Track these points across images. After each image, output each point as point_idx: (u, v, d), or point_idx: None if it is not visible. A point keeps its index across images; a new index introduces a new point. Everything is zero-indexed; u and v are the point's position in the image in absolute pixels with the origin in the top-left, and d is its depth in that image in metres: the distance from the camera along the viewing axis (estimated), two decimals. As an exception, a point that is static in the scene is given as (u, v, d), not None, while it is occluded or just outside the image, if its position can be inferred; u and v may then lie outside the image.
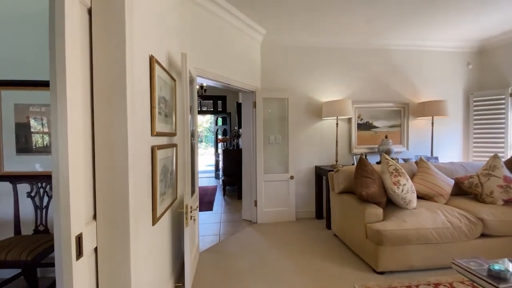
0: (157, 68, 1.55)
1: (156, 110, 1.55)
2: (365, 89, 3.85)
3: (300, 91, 3.71)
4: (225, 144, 6.12)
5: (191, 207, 1.90)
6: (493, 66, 3.87)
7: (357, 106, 3.79)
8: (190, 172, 1.94)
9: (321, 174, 3.58)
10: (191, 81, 2.21)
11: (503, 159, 2.82)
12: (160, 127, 1.63)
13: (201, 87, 5.61)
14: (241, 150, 4.11)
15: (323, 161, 3.77)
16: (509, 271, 1.32)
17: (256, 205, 3.51)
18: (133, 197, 1.13)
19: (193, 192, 2.19)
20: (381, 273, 2.18)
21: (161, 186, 1.64)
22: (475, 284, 1.57)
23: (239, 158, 4.63)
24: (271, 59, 3.65)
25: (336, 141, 3.57)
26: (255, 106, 3.46)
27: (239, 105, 5.78)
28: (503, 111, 3.65)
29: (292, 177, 3.57)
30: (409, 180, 2.44)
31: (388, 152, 3.41)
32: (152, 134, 1.51)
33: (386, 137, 3.60)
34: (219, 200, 4.92)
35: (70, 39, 0.84)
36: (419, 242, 2.15)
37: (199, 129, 17.83)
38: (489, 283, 1.31)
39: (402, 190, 2.34)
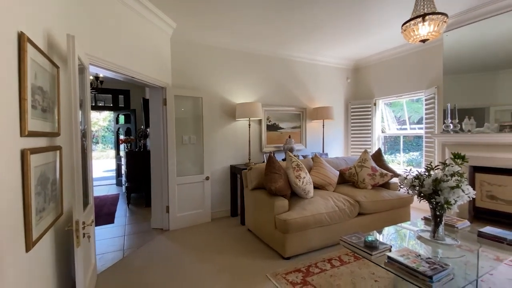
0: (30, 49, 1.19)
1: (28, 103, 1.19)
2: (272, 93, 4.22)
3: (214, 91, 3.70)
4: (129, 145, 5.40)
5: (83, 223, 1.57)
6: (364, 81, 4.99)
7: (266, 108, 4.11)
8: (81, 180, 1.60)
9: (236, 173, 3.68)
10: (82, 69, 1.83)
11: (371, 153, 3.68)
12: (35, 125, 1.27)
13: (96, 78, 4.76)
14: (149, 151, 3.72)
15: (237, 160, 3.89)
16: (378, 240, 1.73)
17: (168, 211, 3.26)
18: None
19: (86, 204, 1.82)
20: (288, 258, 2.44)
21: (37, 201, 1.28)
22: (356, 254, 1.96)
23: (146, 161, 4.19)
24: (183, 56, 3.47)
25: (249, 141, 3.76)
26: (165, 104, 3.21)
27: (146, 102, 5.21)
28: (370, 116, 4.77)
29: (207, 178, 3.51)
30: (308, 173, 2.83)
31: (291, 150, 3.85)
32: (22, 134, 1.16)
33: (289, 137, 4.05)
34: (122, 210, 4.30)
35: None
36: (316, 226, 2.52)
37: (94, 128, 15.11)
38: (365, 251, 1.67)
39: (303, 182, 2.69)
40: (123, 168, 5.33)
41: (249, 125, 3.76)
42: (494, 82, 2.91)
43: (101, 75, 4.66)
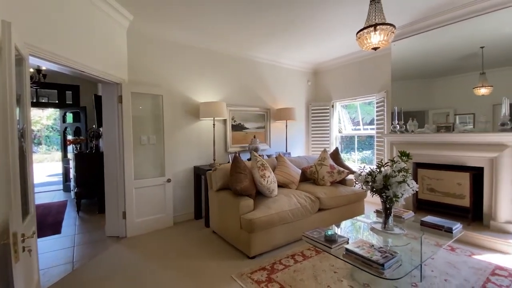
0: None
1: None
2: (237, 93, 4.21)
3: (176, 89, 3.55)
4: (78, 146, 4.90)
5: (23, 235, 1.37)
6: (323, 84, 5.27)
7: (231, 108, 4.08)
8: (19, 186, 1.40)
9: (200, 174, 3.59)
10: (20, 60, 1.60)
11: (329, 152, 3.90)
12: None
13: (38, 71, 4.22)
14: (102, 153, 3.42)
15: (202, 160, 3.79)
16: (337, 234, 1.83)
17: (125, 217, 3.04)
18: None
19: (26, 213, 1.60)
20: (253, 257, 2.46)
21: (-40, 213, 1.08)
22: (317, 249, 2.05)
23: (99, 164, 3.84)
24: (142, 51, 3.26)
25: (214, 141, 3.70)
26: (121, 101, 2.99)
27: (98, 99, 4.77)
28: (328, 117, 5.06)
29: (169, 180, 3.35)
30: (272, 172, 2.89)
31: (256, 150, 3.89)
32: None
33: (254, 137, 4.09)
34: (71, 218, 3.88)
35: None
36: (280, 223, 2.59)
37: (36, 127, 13.40)
38: (325, 245, 1.76)
39: (268, 182, 2.74)
40: (72, 171, 4.82)
41: (214, 125, 3.70)
42: (432, 88, 3.32)
43: (43, 68, 4.14)
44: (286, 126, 4.68)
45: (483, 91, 2.87)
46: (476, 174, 2.89)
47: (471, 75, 2.94)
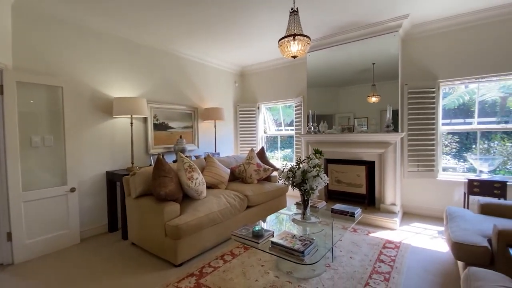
0: None
1: None
2: (161, 90, 3.91)
3: (82, 81, 3.01)
4: None
5: None
6: (249, 86, 5.46)
7: (153, 106, 3.75)
8: None
9: (114, 180, 3.15)
10: None
11: (256, 152, 4.07)
12: None
13: None
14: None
15: (117, 165, 3.34)
16: (263, 229, 1.92)
17: (10, 238, 2.39)
18: None
19: None
20: (180, 265, 2.33)
21: None
22: (245, 245, 2.10)
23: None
24: (34, 32, 2.63)
25: (132, 142, 3.30)
26: (2, 92, 2.33)
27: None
28: (254, 118, 5.29)
29: (73, 189, 2.81)
30: (200, 174, 2.81)
31: (183, 150, 3.70)
32: None
33: (180, 137, 3.88)
34: None
35: None
36: (210, 225, 2.54)
37: None
38: (253, 241, 1.82)
39: (196, 184, 2.64)
40: None
41: (131, 123, 3.31)
42: (338, 95, 3.89)
43: None
44: (215, 126, 4.64)
45: (373, 99, 3.54)
46: (370, 167, 3.55)
47: (365, 86, 3.60)
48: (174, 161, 3.61)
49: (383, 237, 2.84)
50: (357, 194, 3.62)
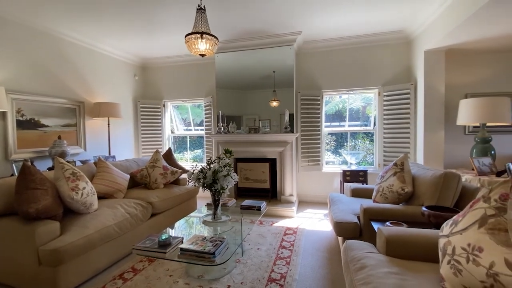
0: None
1: None
2: (28, 77, 3.01)
3: None
4: None
5: None
6: (153, 81, 4.98)
7: (15, 96, 2.86)
8: None
9: None
10: None
11: (162, 153, 3.76)
12: None
13: None
14: None
15: None
16: (171, 236, 1.79)
17: None
18: None
19: None
20: (64, 296, 1.87)
21: None
22: (151, 258, 1.90)
23: None
24: None
25: (-23, 145, 2.40)
26: None
27: None
28: (160, 117, 4.88)
29: None
30: (89, 182, 2.35)
31: (63, 155, 2.99)
32: None
33: (59, 137, 3.12)
34: None
35: None
36: (103, 242, 2.15)
37: None
38: (159, 251, 1.67)
39: (82, 195, 2.18)
40: None
41: (-22, 120, 2.41)
42: (245, 98, 4.10)
43: None
44: (109, 124, 3.98)
45: (274, 103, 3.94)
46: (273, 164, 3.93)
47: (268, 91, 3.95)
48: (50, 168, 2.87)
49: (284, 225, 3.19)
50: (263, 189, 3.93)
